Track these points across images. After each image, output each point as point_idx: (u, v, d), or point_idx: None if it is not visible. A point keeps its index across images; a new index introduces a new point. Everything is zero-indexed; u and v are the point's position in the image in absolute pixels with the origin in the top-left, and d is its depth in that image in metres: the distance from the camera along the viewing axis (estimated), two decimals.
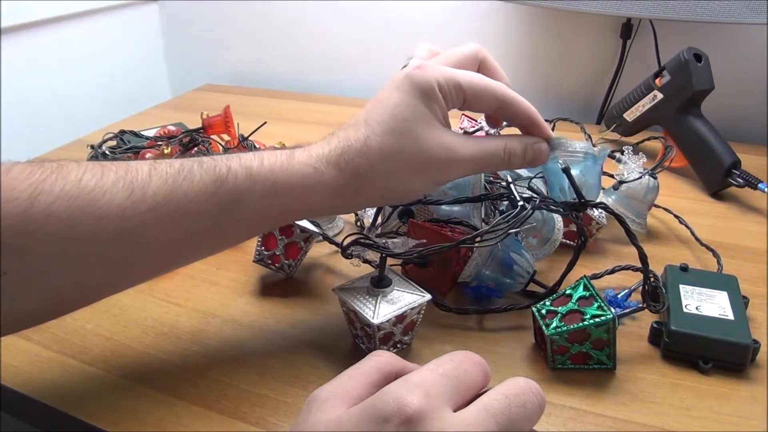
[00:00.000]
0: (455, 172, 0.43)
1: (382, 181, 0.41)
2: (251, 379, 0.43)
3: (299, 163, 0.40)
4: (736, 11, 0.70)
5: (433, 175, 0.42)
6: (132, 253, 0.36)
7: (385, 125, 0.40)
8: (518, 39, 1.01)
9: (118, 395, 0.41)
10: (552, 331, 0.42)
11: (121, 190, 0.35)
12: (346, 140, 0.41)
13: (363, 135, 0.40)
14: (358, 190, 0.41)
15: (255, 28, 1.18)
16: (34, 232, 0.32)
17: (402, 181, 0.41)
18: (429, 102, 0.40)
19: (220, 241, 0.41)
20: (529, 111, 0.44)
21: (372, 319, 0.41)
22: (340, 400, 0.28)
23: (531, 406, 0.27)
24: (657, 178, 0.59)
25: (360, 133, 0.40)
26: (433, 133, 0.41)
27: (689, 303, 0.46)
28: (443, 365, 0.28)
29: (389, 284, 0.43)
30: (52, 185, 0.33)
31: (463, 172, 0.43)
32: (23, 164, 0.34)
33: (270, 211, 0.40)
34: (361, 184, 0.40)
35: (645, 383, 0.42)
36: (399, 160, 0.40)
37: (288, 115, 1.00)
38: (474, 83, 0.42)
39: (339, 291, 0.44)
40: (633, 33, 0.91)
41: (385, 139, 0.40)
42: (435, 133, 0.41)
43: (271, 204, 0.39)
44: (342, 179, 0.40)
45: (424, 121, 0.40)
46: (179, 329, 0.48)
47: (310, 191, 0.40)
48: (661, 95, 0.75)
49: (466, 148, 0.42)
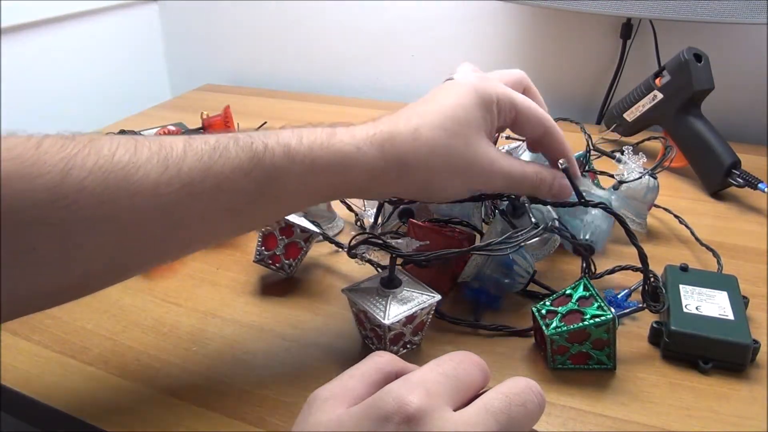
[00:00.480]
0: (491, 184, 0.44)
1: (423, 174, 0.41)
2: (251, 379, 0.43)
3: (341, 142, 0.39)
4: (736, 11, 0.70)
5: (472, 181, 0.43)
6: (167, 230, 0.36)
7: (438, 122, 0.41)
8: (518, 39, 1.01)
9: (118, 395, 0.41)
10: (552, 331, 0.42)
11: (155, 165, 0.34)
12: (395, 126, 0.41)
13: (414, 125, 0.40)
14: (399, 177, 0.41)
15: (255, 28, 1.18)
16: (66, 207, 0.31)
17: (442, 179, 0.42)
18: (485, 113, 0.42)
19: (256, 217, 0.41)
20: (565, 148, 0.46)
21: (383, 320, 0.41)
22: (340, 400, 0.28)
23: (531, 406, 0.27)
24: (657, 178, 0.59)
25: (411, 123, 0.41)
26: (480, 142, 0.42)
27: (689, 303, 0.46)
28: (443, 365, 0.28)
29: (399, 284, 0.43)
30: (85, 159, 0.32)
31: (498, 186, 0.44)
32: (54, 137, 0.33)
33: (307, 189, 0.40)
34: (403, 173, 0.41)
35: (645, 383, 0.42)
36: (445, 159, 0.41)
37: (288, 115, 1.00)
38: (528, 107, 0.44)
39: (348, 292, 0.44)
40: (633, 33, 0.91)
41: (437, 134, 0.40)
42: (482, 142, 0.42)
43: (309, 182, 0.39)
44: (384, 162, 0.40)
45: (476, 129, 0.42)
46: (179, 329, 0.48)
47: (349, 170, 0.39)
48: (661, 95, 0.75)
49: (506, 164, 0.43)
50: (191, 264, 0.57)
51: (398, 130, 0.40)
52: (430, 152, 0.40)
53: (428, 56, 1.07)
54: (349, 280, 0.54)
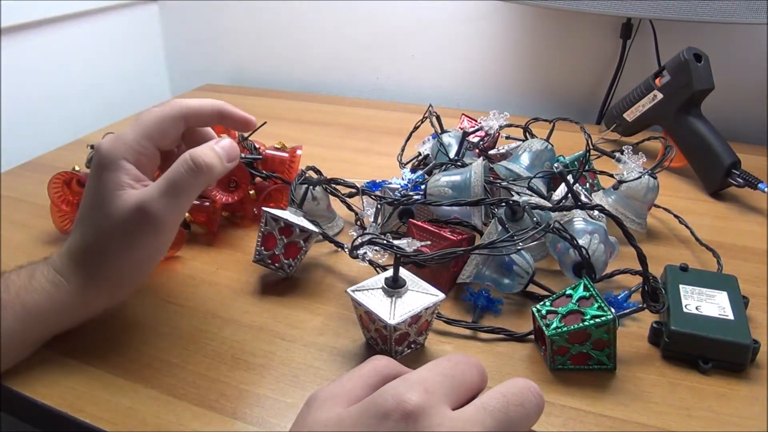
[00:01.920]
0: (160, 222, 0.41)
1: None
2: (251, 379, 0.43)
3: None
4: (736, 11, 0.70)
5: (142, 236, 0.41)
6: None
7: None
8: (518, 39, 1.01)
9: (117, 395, 0.41)
10: (552, 332, 0.42)
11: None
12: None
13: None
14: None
15: (255, 28, 1.18)
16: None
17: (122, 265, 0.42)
18: (109, 173, 0.41)
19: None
20: (214, 106, 0.46)
21: (388, 320, 0.41)
22: (339, 400, 0.28)
23: (529, 405, 0.27)
24: (657, 178, 0.59)
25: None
26: (121, 194, 0.41)
27: (689, 303, 0.46)
28: (441, 365, 0.29)
29: (404, 285, 0.43)
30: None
31: (170, 216, 0.41)
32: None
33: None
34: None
35: (645, 383, 0.42)
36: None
37: (288, 115, 1.00)
38: (182, 110, 0.44)
39: (352, 292, 0.44)
40: (633, 33, 0.91)
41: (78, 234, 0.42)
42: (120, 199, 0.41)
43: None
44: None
45: (111, 190, 0.41)
46: (179, 329, 0.48)
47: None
48: (661, 95, 0.75)
49: (155, 190, 0.41)
50: (191, 264, 0.57)
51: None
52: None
53: (428, 56, 1.07)
54: (348, 279, 0.54)
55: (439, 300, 0.43)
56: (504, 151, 0.68)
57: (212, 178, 0.43)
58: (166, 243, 0.44)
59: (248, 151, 0.65)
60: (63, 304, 0.42)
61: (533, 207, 0.50)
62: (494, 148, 0.71)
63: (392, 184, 0.58)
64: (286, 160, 0.64)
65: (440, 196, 0.54)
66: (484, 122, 0.67)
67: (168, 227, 0.42)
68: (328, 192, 0.59)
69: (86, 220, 0.42)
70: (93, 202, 0.42)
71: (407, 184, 0.57)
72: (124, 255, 0.42)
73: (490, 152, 0.69)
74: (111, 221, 0.41)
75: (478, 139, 0.68)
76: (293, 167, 0.64)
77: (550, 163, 0.62)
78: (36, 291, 0.41)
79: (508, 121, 0.66)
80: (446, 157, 0.62)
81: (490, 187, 0.56)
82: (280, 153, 0.65)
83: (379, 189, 0.58)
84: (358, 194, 0.58)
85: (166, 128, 0.44)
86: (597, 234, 0.50)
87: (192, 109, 0.45)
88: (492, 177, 0.60)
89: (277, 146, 0.66)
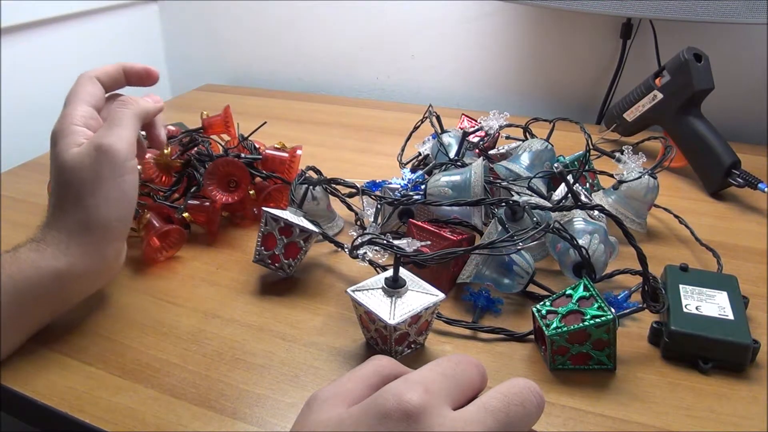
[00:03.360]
0: (115, 150, 0.45)
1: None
2: (251, 379, 0.43)
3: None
4: (736, 11, 0.70)
5: (104, 169, 0.45)
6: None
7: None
8: (518, 39, 1.01)
9: (117, 395, 0.41)
10: (552, 332, 0.42)
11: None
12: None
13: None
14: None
15: (255, 28, 1.18)
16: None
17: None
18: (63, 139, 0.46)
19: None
20: (116, 64, 0.54)
21: (388, 320, 0.41)
22: (340, 401, 0.28)
23: (530, 405, 0.27)
24: (657, 178, 0.59)
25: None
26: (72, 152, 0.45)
27: (689, 303, 0.46)
28: (442, 365, 0.29)
29: (404, 285, 0.43)
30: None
31: (120, 143, 0.46)
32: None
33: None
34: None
35: (645, 383, 0.42)
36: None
37: (288, 115, 1.00)
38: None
39: (352, 292, 0.44)
40: (633, 33, 0.91)
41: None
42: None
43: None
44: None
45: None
46: (179, 329, 0.48)
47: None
48: (661, 95, 0.75)
49: (101, 130, 0.47)
50: (191, 264, 0.57)
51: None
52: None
53: (428, 56, 1.07)
54: (348, 279, 0.54)
55: (439, 300, 0.43)
56: (504, 151, 0.68)
57: (141, 108, 0.50)
58: (129, 180, 0.46)
59: (248, 151, 0.65)
60: (49, 270, 0.43)
61: (533, 207, 0.50)
62: (494, 148, 0.71)
63: (392, 184, 0.58)
64: (286, 160, 0.64)
65: (440, 196, 0.54)
66: (484, 122, 0.67)
67: (122, 155, 0.45)
68: (328, 192, 0.60)
69: (55, 185, 0.45)
70: (57, 165, 0.45)
71: (407, 184, 0.57)
72: (96, 195, 0.44)
73: (490, 152, 0.69)
74: (75, 171, 0.44)
75: (478, 139, 0.68)
76: (293, 167, 0.64)
77: (550, 163, 0.62)
78: (21, 262, 0.43)
79: (508, 121, 0.66)
80: (446, 157, 0.62)
81: (490, 187, 0.56)
82: (280, 153, 0.65)
83: (379, 189, 0.58)
84: (358, 194, 0.58)
85: (92, 91, 0.51)
86: (597, 234, 0.50)
87: (99, 71, 0.53)
88: (492, 177, 0.60)
89: (277, 146, 0.66)
